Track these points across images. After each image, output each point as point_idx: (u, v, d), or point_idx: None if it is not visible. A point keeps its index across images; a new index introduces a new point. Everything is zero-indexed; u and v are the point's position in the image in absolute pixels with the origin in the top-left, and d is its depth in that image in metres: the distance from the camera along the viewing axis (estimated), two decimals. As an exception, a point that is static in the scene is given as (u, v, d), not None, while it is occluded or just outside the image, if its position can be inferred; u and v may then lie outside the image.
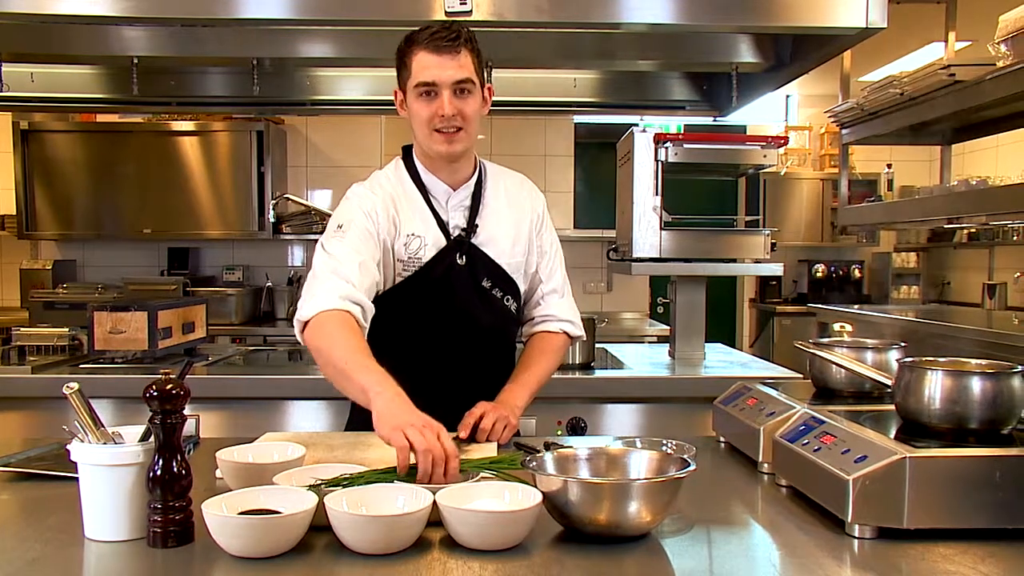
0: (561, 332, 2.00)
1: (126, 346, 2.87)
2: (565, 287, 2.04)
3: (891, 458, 1.21)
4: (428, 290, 1.85)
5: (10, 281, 5.07)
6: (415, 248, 1.84)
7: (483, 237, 1.90)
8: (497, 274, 1.91)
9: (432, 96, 1.77)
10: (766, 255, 3.08)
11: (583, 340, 2.05)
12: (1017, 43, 2.85)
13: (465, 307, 1.88)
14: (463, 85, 1.76)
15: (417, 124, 1.82)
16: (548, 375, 1.96)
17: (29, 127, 4.89)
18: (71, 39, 2.94)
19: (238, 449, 1.47)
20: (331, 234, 1.80)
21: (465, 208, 1.90)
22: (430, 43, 1.74)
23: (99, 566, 1.17)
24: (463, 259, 1.87)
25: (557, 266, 2.03)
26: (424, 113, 1.78)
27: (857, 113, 3.94)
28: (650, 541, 1.23)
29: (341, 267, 1.73)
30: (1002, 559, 1.15)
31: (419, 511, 1.17)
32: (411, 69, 1.77)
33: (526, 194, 2.01)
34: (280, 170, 5.15)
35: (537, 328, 2.01)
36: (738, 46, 3.01)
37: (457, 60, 1.75)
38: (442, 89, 1.75)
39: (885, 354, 1.73)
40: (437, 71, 1.74)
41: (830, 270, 7.00)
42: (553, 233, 2.05)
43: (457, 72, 1.75)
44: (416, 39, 1.77)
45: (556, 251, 2.04)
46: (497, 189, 1.96)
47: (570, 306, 2.04)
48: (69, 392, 1.21)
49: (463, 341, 1.90)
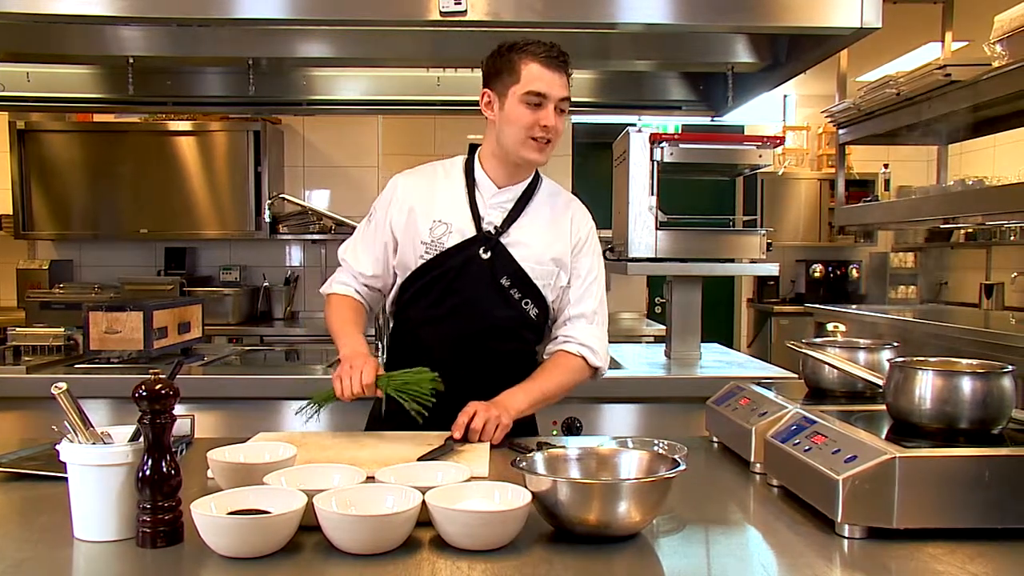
0: (579, 356, 1.98)
1: (122, 346, 2.87)
2: (596, 316, 2.03)
3: (881, 458, 1.21)
4: (443, 277, 1.93)
5: (6, 281, 5.06)
6: (439, 234, 1.94)
7: (513, 239, 1.95)
8: (519, 276, 1.94)
9: (539, 106, 1.86)
10: (762, 255, 3.08)
11: (602, 374, 2.03)
12: (1013, 43, 2.85)
13: (477, 301, 1.93)
14: (564, 104, 1.89)
15: (514, 128, 1.89)
16: (556, 391, 1.95)
17: (26, 127, 4.89)
18: (67, 39, 2.93)
19: (229, 449, 1.47)
20: (365, 219, 2.08)
21: (505, 209, 1.97)
22: (545, 58, 1.85)
23: (88, 566, 1.17)
24: (487, 254, 1.93)
25: (593, 293, 2.03)
26: (526, 119, 1.87)
27: (854, 113, 3.94)
28: (640, 541, 1.24)
29: (348, 254, 2.06)
30: (991, 559, 1.16)
31: (408, 511, 1.17)
32: (521, 76, 1.86)
33: (572, 215, 2.05)
34: (277, 170, 5.15)
35: (557, 347, 2.00)
36: (734, 46, 3.01)
37: (564, 79, 1.88)
38: (549, 102, 1.86)
39: (877, 354, 1.73)
40: (549, 85, 1.85)
41: (827, 270, 6.99)
42: (596, 260, 2.05)
43: (563, 90, 1.88)
44: (527, 50, 1.87)
45: (595, 279, 2.04)
46: (543, 202, 2.02)
47: (597, 335, 2.02)
48: (57, 392, 1.21)
49: (474, 333, 1.94)
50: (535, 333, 2.02)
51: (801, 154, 7.19)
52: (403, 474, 1.36)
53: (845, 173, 4.39)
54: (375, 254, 2.01)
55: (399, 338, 2.05)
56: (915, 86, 3.37)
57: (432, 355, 1.91)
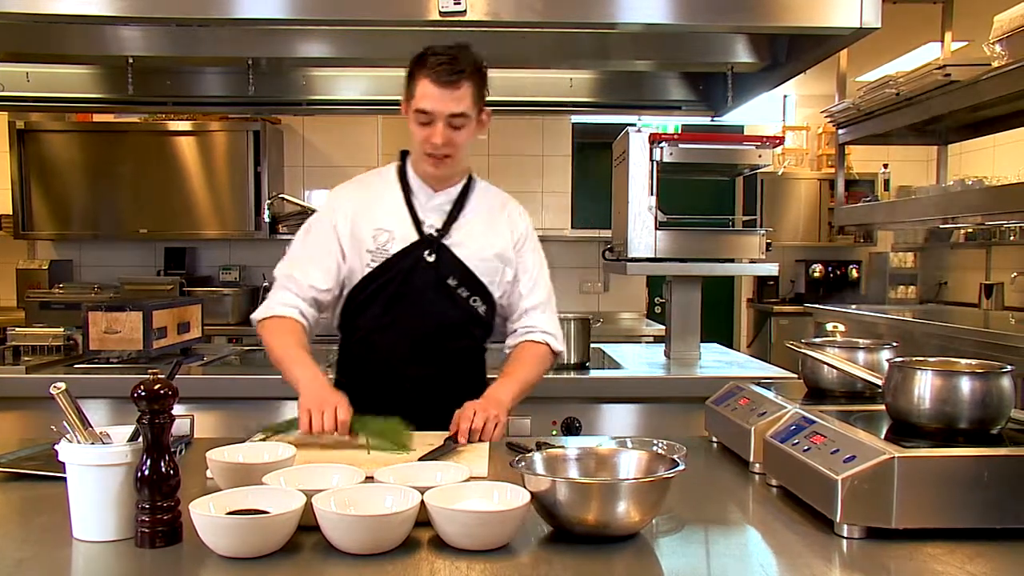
0: (544, 343, 2.05)
1: (121, 346, 2.87)
2: (548, 304, 2.10)
3: (880, 458, 1.21)
4: (391, 282, 1.95)
5: (6, 281, 5.05)
6: (383, 241, 1.96)
7: (455, 239, 1.98)
8: (465, 275, 1.98)
9: (428, 124, 1.87)
10: (762, 255, 3.08)
11: (562, 358, 2.13)
12: (1012, 43, 2.85)
13: (427, 303, 1.96)
14: (457, 119, 1.86)
15: (413, 142, 1.95)
16: (534, 380, 2.02)
17: (25, 127, 4.88)
18: (67, 39, 2.93)
19: (228, 449, 1.47)
20: (301, 233, 2.04)
21: (444, 212, 2.00)
22: (434, 74, 1.83)
23: (87, 567, 1.17)
24: (432, 256, 1.96)
25: (541, 283, 2.10)
26: (419, 136, 1.90)
27: (854, 113, 3.95)
28: (639, 541, 1.23)
29: (295, 270, 1.99)
30: (990, 559, 1.16)
31: (407, 511, 1.17)
32: (415, 92, 1.87)
33: (508, 213, 2.09)
34: (276, 170, 5.15)
35: (521, 339, 2.06)
36: (734, 46, 3.01)
37: (456, 93, 1.84)
38: (437, 120, 1.86)
39: (877, 354, 1.73)
40: (435, 103, 1.84)
41: (827, 270, 6.99)
42: (538, 253, 2.12)
43: (454, 106, 1.84)
44: (425, 64, 1.85)
45: (540, 270, 2.10)
46: (480, 203, 2.05)
47: (552, 321, 2.10)
48: (56, 392, 1.21)
49: (425, 334, 1.98)
50: (484, 329, 2.07)
51: (801, 154, 7.19)
52: (402, 474, 1.36)
53: (845, 173, 4.40)
54: (325, 266, 1.98)
55: (350, 347, 2.06)
56: (915, 86, 3.37)
57: (387, 359, 1.97)
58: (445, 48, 1.85)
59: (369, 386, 1.92)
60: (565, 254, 5.18)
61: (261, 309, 1.99)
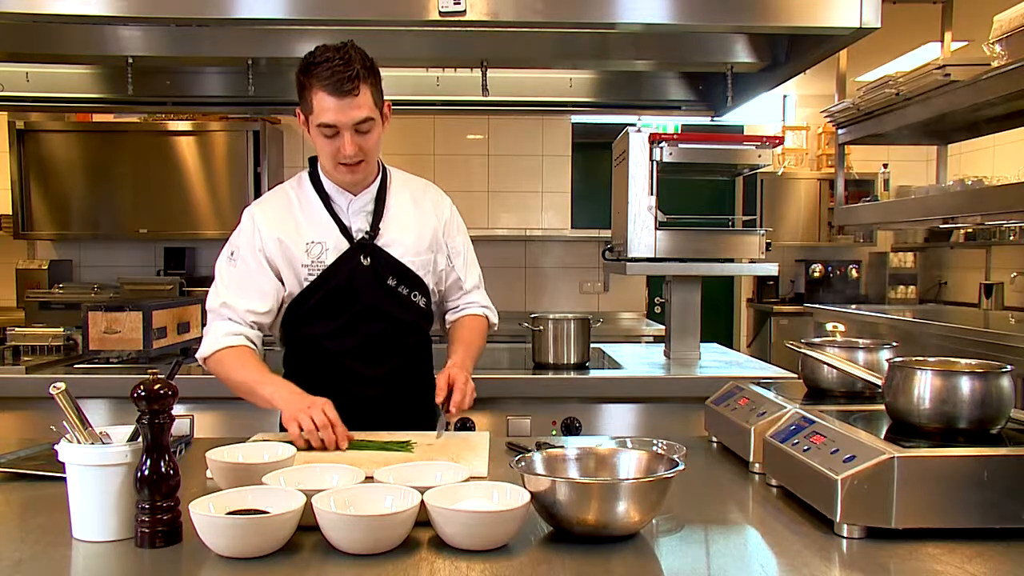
0: (483, 316, 2.14)
1: (121, 346, 2.87)
2: (481, 281, 2.19)
3: (879, 458, 1.21)
4: (334, 291, 1.94)
5: (6, 281, 5.05)
6: (317, 253, 1.94)
7: (386, 239, 1.98)
8: (402, 272, 1.99)
9: (335, 136, 1.83)
10: (761, 255, 3.08)
11: (495, 328, 2.21)
12: (1012, 43, 2.85)
13: (374, 305, 1.96)
14: (363, 125, 1.83)
15: (321, 154, 1.92)
16: (482, 349, 2.09)
17: (25, 127, 4.88)
18: (66, 39, 2.93)
19: (228, 449, 1.47)
20: (225, 260, 1.97)
21: (368, 212, 1.98)
22: (330, 84, 1.77)
23: (87, 566, 1.17)
24: (367, 260, 1.96)
25: (471, 262, 2.16)
26: (327, 149, 1.86)
27: (853, 113, 3.94)
28: (639, 541, 1.23)
29: (229, 299, 1.92)
30: (989, 558, 1.16)
31: (407, 511, 1.17)
32: (312, 106, 1.81)
33: (430, 199, 2.10)
34: (276, 170, 5.14)
35: (462, 313, 2.13)
36: (733, 46, 3.01)
37: (356, 100, 1.79)
38: (344, 130, 1.82)
39: (876, 354, 1.73)
40: (338, 114, 1.79)
41: (827, 270, 6.99)
42: (464, 234, 2.15)
43: (357, 113, 1.80)
44: (315, 75, 1.78)
45: (468, 249, 2.16)
46: (401, 194, 2.04)
47: (486, 297, 2.19)
48: (56, 392, 1.21)
49: (375, 338, 1.98)
50: (428, 321, 2.10)
51: (800, 154, 7.19)
52: (402, 474, 1.36)
53: (844, 173, 4.39)
54: (260, 288, 1.93)
55: (300, 354, 2.04)
56: (914, 86, 3.37)
57: (340, 362, 1.97)
58: (332, 52, 1.78)
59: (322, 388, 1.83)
60: (565, 254, 5.18)
61: (206, 345, 1.92)
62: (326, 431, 1.65)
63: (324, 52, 1.79)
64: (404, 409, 2.00)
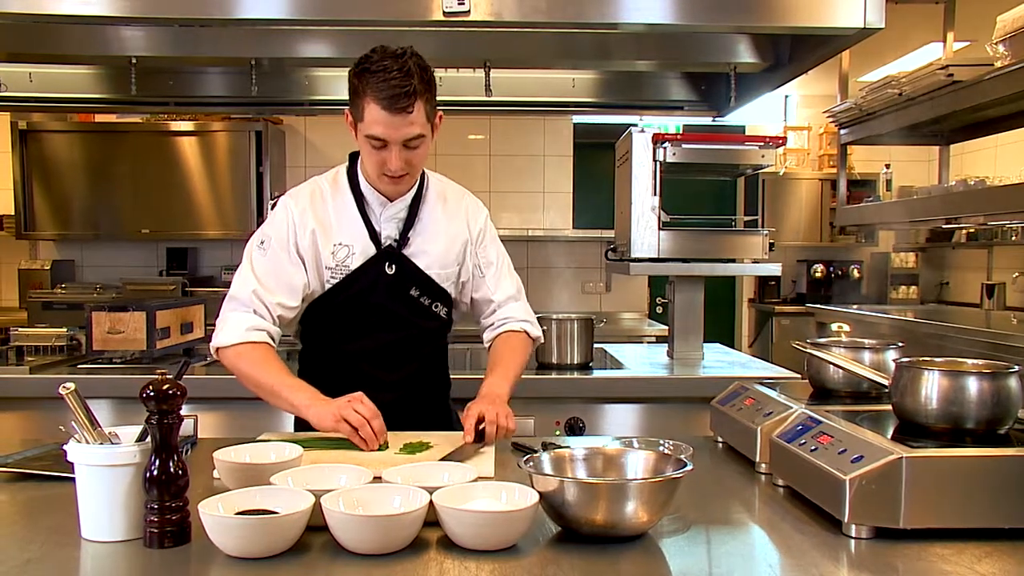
0: (522, 331, 2.06)
1: (124, 346, 2.87)
2: (520, 293, 2.10)
3: (887, 458, 1.21)
4: (356, 297, 1.92)
5: (9, 281, 5.06)
6: (342, 257, 1.91)
7: (414, 248, 1.95)
8: (426, 283, 1.96)
9: (383, 148, 1.79)
10: (764, 255, 3.08)
11: (540, 342, 2.12)
12: (1015, 43, 2.86)
13: (394, 313, 1.94)
14: (413, 141, 1.79)
15: (367, 161, 1.87)
16: (522, 368, 2.01)
17: (27, 127, 4.88)
18: (69, 39, 2.93)
19: (235, 449, 1.47)
20: (256, 248, 1.92)
21: (400, 220, 1.95)
22: (384, 99, 1.72)
23: (95, 566, 1.17)
24: (392, 268, 1.93)
25: (506, 274, 2.08)
26: (374, 158, 1.83)
27: (855, 113, 3.95)
28: (647, 541, 1.23)
29: (260, 290, 1.86)
30: (999, 559, 1.16)
31: (415, 511, 1.17)
32: (364, 115, 1.77)
33: (464, 209, 2.05)
34: (279, 170, 5.15)
35: (499, 330, 2.06)
36: (736, 46, 3.01)
37: (410, 118, 1.74)
38: (393, 145, 1.78)
39: (882, 354, 1.73)
40: (389, 129, 1.75)
41: (829, 270, 6.99)
42: (498, 244, 2.10)
43: (409, 130, 1.76)
44: (370, 84, 1.72)
45: (503, 260, 2.09)
46: (435, 204, 2.00)
47: (526, 309, 2.10)
48: (65, 392, 1.21)
49: (394, 345, 1.97)
50: (447, 328, 2.07)
51: (802, 154, 7.19)
52: (410, 474, 1.36)
53: (846, 173, 4.40)
54: (291, 284, 1.89)
55: (317, 354, 2.03)
56: (917, 86, 3.37)
57: (357, 365, 1.96)
58: (391, 60, 1.71)
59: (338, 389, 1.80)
60: (566, 254, 5.18)
61: (226, 335, 1.85)
62: (376, 420, 1.65)
63: (382, 59, 1.72)
64: (419, 412, 1.98)
